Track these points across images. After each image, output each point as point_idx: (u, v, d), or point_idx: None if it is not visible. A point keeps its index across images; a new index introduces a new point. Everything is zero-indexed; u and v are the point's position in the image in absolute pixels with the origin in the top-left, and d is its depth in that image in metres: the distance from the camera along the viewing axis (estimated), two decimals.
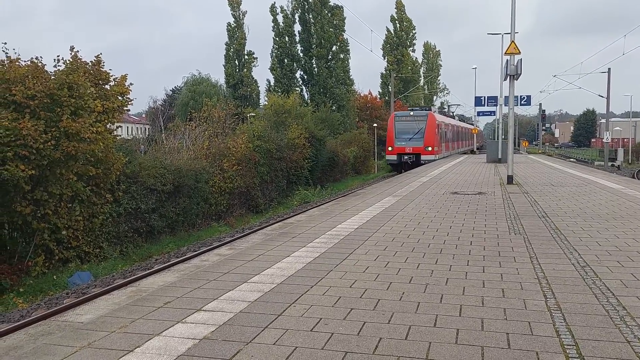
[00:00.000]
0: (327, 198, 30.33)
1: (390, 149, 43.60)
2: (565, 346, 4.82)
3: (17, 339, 5.09)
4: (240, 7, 62.76)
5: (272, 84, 60.86)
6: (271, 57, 61.30)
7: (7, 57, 16.55)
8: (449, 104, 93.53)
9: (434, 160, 41.37)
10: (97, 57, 18.95)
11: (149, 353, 4.72)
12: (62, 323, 5.49)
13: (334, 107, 58.75)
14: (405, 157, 42.31)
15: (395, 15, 79.92)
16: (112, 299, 6.32)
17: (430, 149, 42.09)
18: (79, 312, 5.82)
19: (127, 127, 77.03)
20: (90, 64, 18.44)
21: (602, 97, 55.91)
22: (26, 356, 4.68)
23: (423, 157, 41.40)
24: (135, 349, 4.81)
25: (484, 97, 42.17)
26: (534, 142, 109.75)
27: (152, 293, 6.51)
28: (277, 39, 60.78)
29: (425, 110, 46.67)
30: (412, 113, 45.15)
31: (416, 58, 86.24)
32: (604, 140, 56.10)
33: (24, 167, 14.40)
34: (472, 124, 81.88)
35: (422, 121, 43.06)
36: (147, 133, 60.11)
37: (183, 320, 5.52)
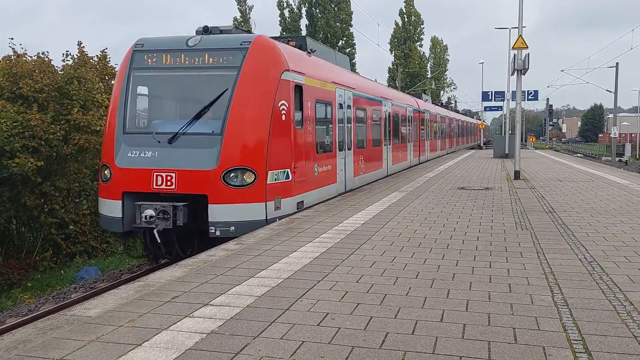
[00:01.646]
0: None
1: (104, 177, 11.80)
2: (572, 341, 4.82)
3: (25, 332, 5.12)
4: (247, 1, 62.75)
5: None
6: None
7: (14, 52, 16.65)
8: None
9: (269, 220, 11.41)
10: (102, 52, 19.01)
11: (157, 347, 4.74)
12: (70, 317, 5.52)
13: None
14: (148, 213, 10.98)
15: (404, 9, 79.61)
16: (119, 293, 6.35)
17: (253, 176, 11.24)
18: (87, 307, 5.85)
19: None
20: (96, 58, 18.50)
21: (609, 92, 55.69)
22: (35, 350, 4.71)
23: (212, 208, 10.98)
24: (143, 343, 4.84)
25: (491, 92, 42.19)
26: (541, 137, 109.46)
27: (159, 288, 6.54)
28: (283, 33, 60.70)
29: (244, 32, 14.04)
30: (193, 42, 12.09)
31: (423, 52, 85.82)
32: (612, 135, 55.87)
33: (33, 160, 14.48)
34: (475, 118, 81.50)
35: (229, 69, 11.79)
36: None
37: (191, 315, 5.55)
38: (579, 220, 11.21)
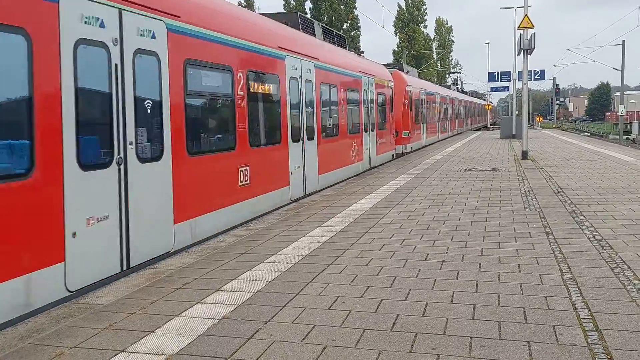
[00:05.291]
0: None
1: None
2: (582, 320, 4.83)
3: (38, 321, 5.17)
4: None
5: None
6: None
7: None
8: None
9: None
10: None
11: (169, 333, 4.78)
12: (82, 305, 5.56)
13: None
14: None
15: None
16: (131, 281, 6.39)
17: None
18: (99, 295, 5.90)
19: None
20: None
21: (616, 70, 55.23)
22: (49, 338, 4.75)
23: None
24: (155, 329, 4.88)
25: (497, 72, 41.99)
26: (548, 117, 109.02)
27: (170, 274, 6.58)
28: None
29: None
30: None
31: (428, 34, 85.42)
32: (619, 113, 55.50)
33: None
34: (482, 98, 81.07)
35: None
36: None
37: (202, 301, 5.58)
38: (587, 200, 11.19)
